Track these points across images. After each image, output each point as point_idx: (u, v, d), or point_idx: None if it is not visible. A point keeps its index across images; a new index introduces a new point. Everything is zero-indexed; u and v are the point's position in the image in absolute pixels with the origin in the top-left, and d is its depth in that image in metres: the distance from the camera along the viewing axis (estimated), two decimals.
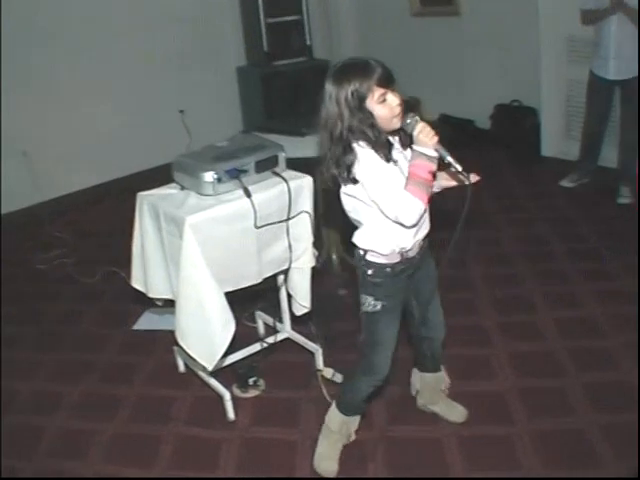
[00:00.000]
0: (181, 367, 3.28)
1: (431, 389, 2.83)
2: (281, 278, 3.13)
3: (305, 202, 2.90)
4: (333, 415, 2.64)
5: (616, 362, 3.13)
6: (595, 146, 5.14)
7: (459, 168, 2.12)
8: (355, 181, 2.14)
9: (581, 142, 5.23)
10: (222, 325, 2.63)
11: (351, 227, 2.37)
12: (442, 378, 2.84)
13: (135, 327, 3.74)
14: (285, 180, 2.81)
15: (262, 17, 6.11)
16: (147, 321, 3.77)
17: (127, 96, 5.82)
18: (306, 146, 3.28)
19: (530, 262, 4.13)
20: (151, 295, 2.90)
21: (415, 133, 2.13)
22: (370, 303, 2.37)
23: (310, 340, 3.26)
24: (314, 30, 6.58)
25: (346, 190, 2.21)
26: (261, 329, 3.52)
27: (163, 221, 2.68)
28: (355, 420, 2.67)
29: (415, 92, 6.58)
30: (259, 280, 2.86)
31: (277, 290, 3.19)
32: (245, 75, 6.52)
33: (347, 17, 7.14)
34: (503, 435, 2.74)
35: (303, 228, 2.92)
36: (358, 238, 2.33)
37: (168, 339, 3.48)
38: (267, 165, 2.83)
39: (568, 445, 2.67)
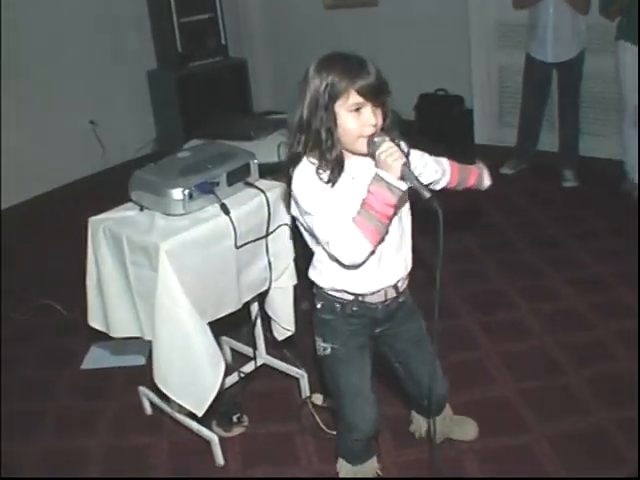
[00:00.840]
0: (148, 409, 2.90)
1: (440, 427, 2.43)
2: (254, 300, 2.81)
3: (284, 214, 2.59)
4: (342, 466, 2.31)
5: (612, 352, 3.00)
6: (533, 130, 5.08)
7: (427, 195, 1.69)
8: (289, 183, 1.83)
9: (519, 127, 5.14)
10: (211, 365, 2.29)
11: None
12: (447, 411, 2.52)
13: (83, 366, 3.30)
14: (262, 191, 2.50)
15: (175, 16, 5.69)
16: (95, 358, 3.34)
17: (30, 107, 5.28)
18: (256, 151, 2.91)
19: (494, 255, 3.98)
20: (114, 335, 2.51)
21: (377, 152, 1.74)
22: (320, 345, 2.06)
23: (292, 364, 2.95)
24: (228, 28, 6.22)
25: (292, 210, 1.90)
26: (228, 357, 3.18)
27: (127, 250, 2.31)
28: (370, 463, 2.32)
29: None
30: (239, 306, 2.53)
31: (241, 311, 2.85)
32: (157, 79, 6.08)
33: (259, 13, 6.83)
34: (520, 444, 2.54)
35: (283, 243, 2.61)
36: (311, 265, 2.01)
37: (125, 377, 3.13)
38: (239, 176, 2.50)
39: (588, 444, 2.51)
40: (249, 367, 2.93)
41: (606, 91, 4.93)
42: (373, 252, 1.82)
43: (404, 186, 1.72)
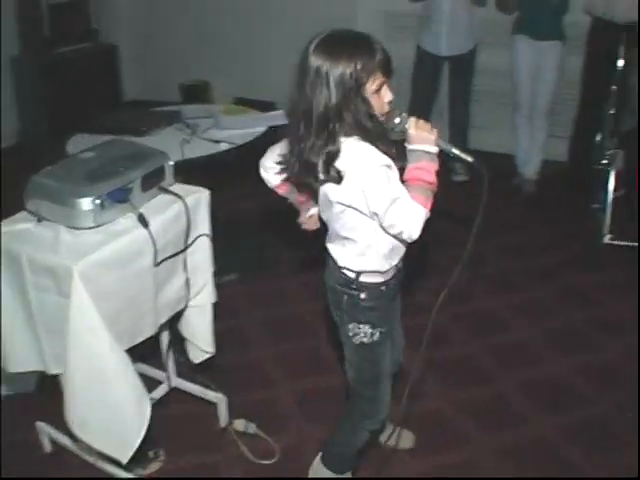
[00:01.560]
0: (48, 447, 2.52)
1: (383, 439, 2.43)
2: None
3: (203, 223, 2.32)
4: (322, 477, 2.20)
5: (538, 354, 2.96)
6: None
7: (470, 159, 1.80)
8: (339, 179, 1.71)
9: None
10: (136, 403, 1.97)
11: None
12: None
13: None
14: (181, 198, 2.20)
15: None
16: None
17: None
18: None
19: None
20: (11, 370, 2.14)
21: (410, 130, 1.75)
22: (367, 332, 1.98)
23: (207, 388, 2.67)
24: (99, 12, 5.73)
25: (340, 198, 1.77)
26: None
27: (29, 272, 1.94)
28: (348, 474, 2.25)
29: (204, 76, 6.07)
30: (155, 331, 2.22)
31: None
32: (21, 66, 5.49)
33: None
34: (462, 459, 2.42)
35: (202, 256, 2.33)
36: (350, 259, 1.91)
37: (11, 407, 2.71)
38: (154, 180, 2.19)
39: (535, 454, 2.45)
40: (159, 392, 2.62)
41: (497, 85, 4.95)
42: None
43: (436, 150, 1.76)
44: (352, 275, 1.91)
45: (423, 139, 1.74)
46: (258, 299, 3.45)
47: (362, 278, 1.91)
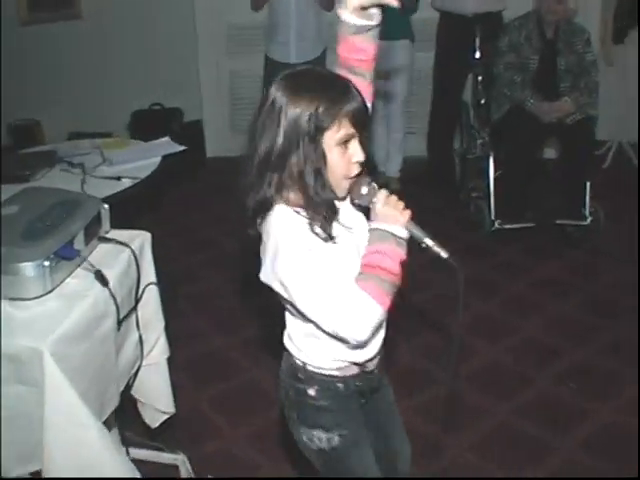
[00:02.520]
0: None
1: None
2: None
3: (149, 270, 2.04)
4: None
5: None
6: None
7: (444, 255, 1.41)
8: (257, 234, 1.44)
9: None
10: None
11: None
12: None
13: None
14: (128, 246, 1.90)
15: None
16: None
17: None
18: None
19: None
20: None
21: (378, 205, 1.42)
22: (321, 438, 1.56)
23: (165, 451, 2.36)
24: None
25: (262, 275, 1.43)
26: None
27: None
28: None
29: (33, 114, 5.54)
30: (118, 402, 1.90)
31: None
32: None
33: None
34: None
35: (153, 307, 2.05)
36: (293, 341, 1.56)
37: None
38: (93, 229, 1.87)
39: None
40: None
41: None
42: None
43: (405, 235, 1.41)
44: (299, 362, 1.55)
45: (392, 219, 1.40)
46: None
47: (310, 369, 1.54)
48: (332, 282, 1.33)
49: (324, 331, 1.40)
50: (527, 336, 3.11)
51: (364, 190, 1.44)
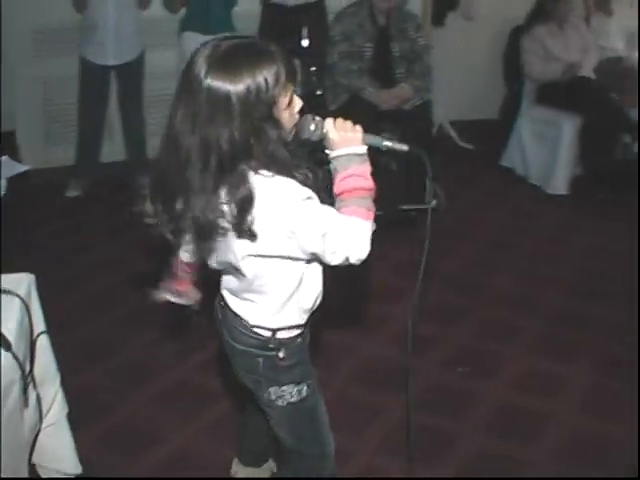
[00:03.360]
0: None
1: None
2: None
3: (40, 318, 1.75)
4: None
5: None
6: (96, 142, 4.49)
7: (405, 148, 1.58)
8: (253, 235, 1.39)
9: (78, 142, 4.47)
10: None
11: None
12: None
13: None
14: (18, 295, 1.60)
15: None
16: None
17: None
18: None
19: None
20: None
21: (331, 134, 1.49)
22: (292, 392, 1.68)
23: None
24: None
25: (259, 250, 1.44)
26: None
27: None
28: None
29: None
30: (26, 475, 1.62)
31: None
32: None
33: None
34: None
35: (47, 359, 1.78)
36: (264, 317, 1.60)
37: None
38: None
39: None
40: None
41: (170, 87, 4.67)
42: None
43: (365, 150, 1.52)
44: (267, 334, 1.62)
45: (348, 140, 1.49)
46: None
47: (279, 335, 1.63)
48: (332, 218, 1.43)
49: (328, 267, 1.53)
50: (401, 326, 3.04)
51: (312, 126, 1.49)
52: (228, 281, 1.62)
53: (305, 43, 4.06)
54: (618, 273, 3.49)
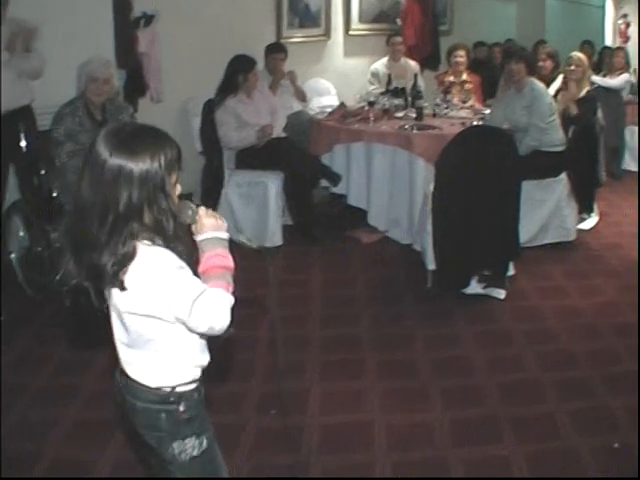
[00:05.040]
0: None
1: None
2: None
3: None
4: None
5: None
6: None
7: (254, 246, 1.88)
8: (124, 288, 1.62)
9: None
10: None
11: None
12: None
13: None
14: None
15: None
16: None
17: None
18: None
19: None
20: None
21: (204, 219, 1.73)
22: (194, 445, 1.79)
23: None
24: None
25: (135, 308, 1.66)
26: None
27: None
28: None
29: None
30: None
31: None
32: None
33: None
34: None
35: None
36: (160, 374, 1.74)
37: None
38: None
39: None
40: None
41: None
42: None
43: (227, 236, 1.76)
44: (167, 389, 1.75)
45: (215, 226, 1.73)
46: None
47: (178, 389, 1.76)
48: (200, 288, 1.62)
49: (196, 334, 1.69)
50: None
51: (190, 211, 1.71)
52: (121, 336, 1.74)
53: (23, 144, 3.87)
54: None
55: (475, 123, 5.09)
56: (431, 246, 4.05)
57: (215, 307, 1.62)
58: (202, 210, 1.73)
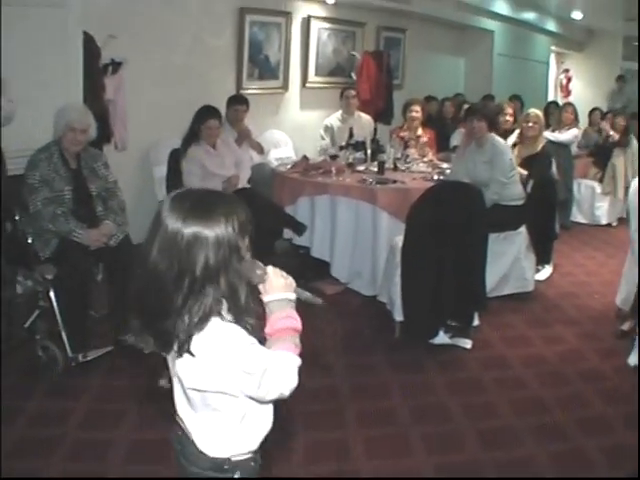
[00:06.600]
0: None
1: None
2: None
3: None
4: None
5: None
6: None
7: (319, 302, 1.84)
8: (191, 354, 1.58)
9: None
10: None
11: None
12: None
13: None
14: None
15: None
16: None
17: None
18: None
19: None
20: None
21: (272, 281, 1.69)
22: None
23: None
24: None
25: (200, 384, 1.61)
26: None
27: None
28: None
29: None
30: None
31: None
32: None
33: None
34: None
35: None
36: (220, 444, 1.70)
37: None
38: None
39: None
40: None
41: None
42: None
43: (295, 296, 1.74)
44: (222, 457, 1.71)
45: (285, 287, 1.69)
46: None
47: (235, 458, 1.72)
48: (266, 362, 1.59)
49: (265, 402, 1.66)
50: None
51: (259, 271, 1.65)
52: (183, 401, 1.70)
53: None
54: None
55: (436, 177, 5.27)
56: (399, 297, 4.12)
57: (284, 374, 1.61)
58: (271, 269, 1.68)
